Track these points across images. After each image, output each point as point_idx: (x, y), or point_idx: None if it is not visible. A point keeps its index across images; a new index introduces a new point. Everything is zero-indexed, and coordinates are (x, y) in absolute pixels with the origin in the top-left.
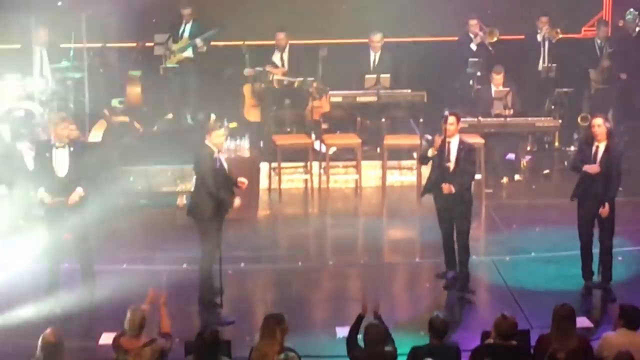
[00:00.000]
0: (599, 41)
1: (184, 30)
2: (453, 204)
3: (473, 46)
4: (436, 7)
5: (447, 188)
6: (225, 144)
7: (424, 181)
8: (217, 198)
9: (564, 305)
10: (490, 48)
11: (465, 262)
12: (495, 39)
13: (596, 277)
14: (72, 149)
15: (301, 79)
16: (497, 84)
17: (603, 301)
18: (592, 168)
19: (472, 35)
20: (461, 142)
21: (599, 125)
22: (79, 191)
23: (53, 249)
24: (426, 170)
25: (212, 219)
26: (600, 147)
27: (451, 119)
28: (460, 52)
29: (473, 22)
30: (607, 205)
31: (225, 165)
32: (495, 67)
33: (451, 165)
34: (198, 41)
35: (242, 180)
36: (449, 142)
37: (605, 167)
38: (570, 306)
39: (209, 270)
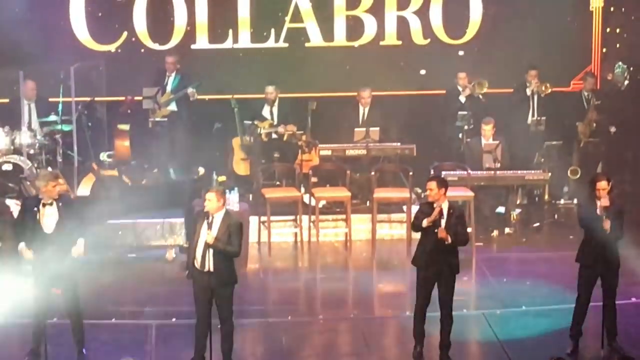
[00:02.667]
0: (586, 94)
1: (167, 83)
2: (441, 275)
3: (462, 98)
4: (425, 61)
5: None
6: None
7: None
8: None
9: (558, 359)
10: (481, 97)
11: (450, 331)
12: (484, 89)
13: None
14: (60, 204)
15: (291, 131)
16: (487, 136)
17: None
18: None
19: (460, 88)
20: (450, 207)
21: (605, 188)
22: (81, 243)
23: (41, 304)
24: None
25: (192, 277)
26: (604, 203)
27: (431, 185)
28: (449, 104)
29: (462, 75)
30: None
31: (214, 228)
32: (484, 118)
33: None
34: (190, 90)
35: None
36: (439, 208)
37: (615, 222)
38: None
39: (196, 328)
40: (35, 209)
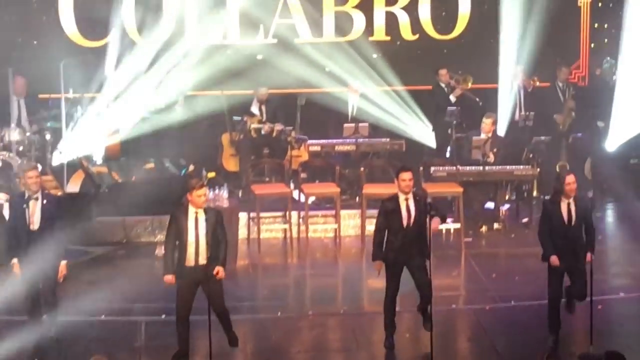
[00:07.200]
0: (560, 84)
1: None
2: (410, 257)
3: (452, 98)
4: (415, 57)
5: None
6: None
7: None
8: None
9: (551, 354)
10: (477, 98)
11: (429, 302)
12: (469, 84)
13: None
14: (45, 201)
15: (280, 127)
16: (487, 130)
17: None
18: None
19: (443, 85)
20: (415, 194)
21: (574, 182)
22: (63, 264)
23: (33, 301)
24: None
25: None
26: (571, 203)
27: (407, 175)
28: (437, 101)
29: (443, 72)
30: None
31: (204, 227)
32: (487, 113)
33: (408, 221)
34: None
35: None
36: (406, 199)
37: (583, 219)
38: (557, 355)
39: (177, 323)
40: (25, 205)
